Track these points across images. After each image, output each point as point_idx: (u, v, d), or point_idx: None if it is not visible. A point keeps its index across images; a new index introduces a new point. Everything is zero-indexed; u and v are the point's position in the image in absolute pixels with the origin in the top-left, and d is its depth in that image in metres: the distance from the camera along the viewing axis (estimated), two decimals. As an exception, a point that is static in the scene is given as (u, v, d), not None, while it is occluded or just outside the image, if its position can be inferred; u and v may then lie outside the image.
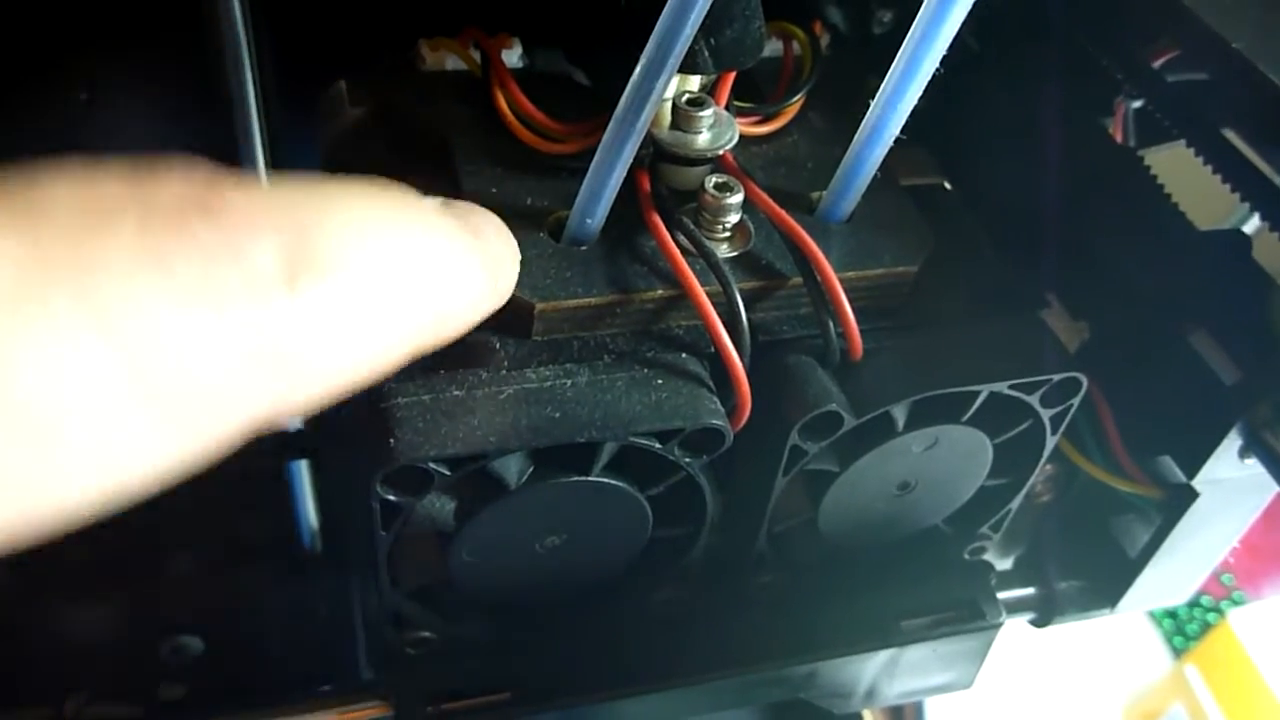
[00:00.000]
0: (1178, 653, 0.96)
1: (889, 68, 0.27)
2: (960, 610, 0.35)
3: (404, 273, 0.20)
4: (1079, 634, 0.92)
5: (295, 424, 0.43)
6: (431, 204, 0.23)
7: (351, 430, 0.28)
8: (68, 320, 0.15)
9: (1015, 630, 0.40)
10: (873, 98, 0.27)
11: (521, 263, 0.28)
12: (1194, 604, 1.00)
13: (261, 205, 0.18)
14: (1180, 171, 0.35)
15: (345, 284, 0.19)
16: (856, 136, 0.28)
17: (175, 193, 0.17)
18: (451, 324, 0.23)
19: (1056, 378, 0.29)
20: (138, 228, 0.16)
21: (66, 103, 0.38)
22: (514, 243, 0.26)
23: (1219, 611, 0.97)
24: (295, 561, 0.55)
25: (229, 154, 0.38)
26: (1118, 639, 0.96)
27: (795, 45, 0.35)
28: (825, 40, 0.36)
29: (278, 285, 0.17)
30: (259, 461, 0.52)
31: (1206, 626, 0.96)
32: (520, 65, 0.33)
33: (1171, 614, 1.00)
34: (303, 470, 0.52)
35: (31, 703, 0.47)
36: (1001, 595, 0.36)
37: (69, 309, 0.15)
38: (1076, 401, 0.30)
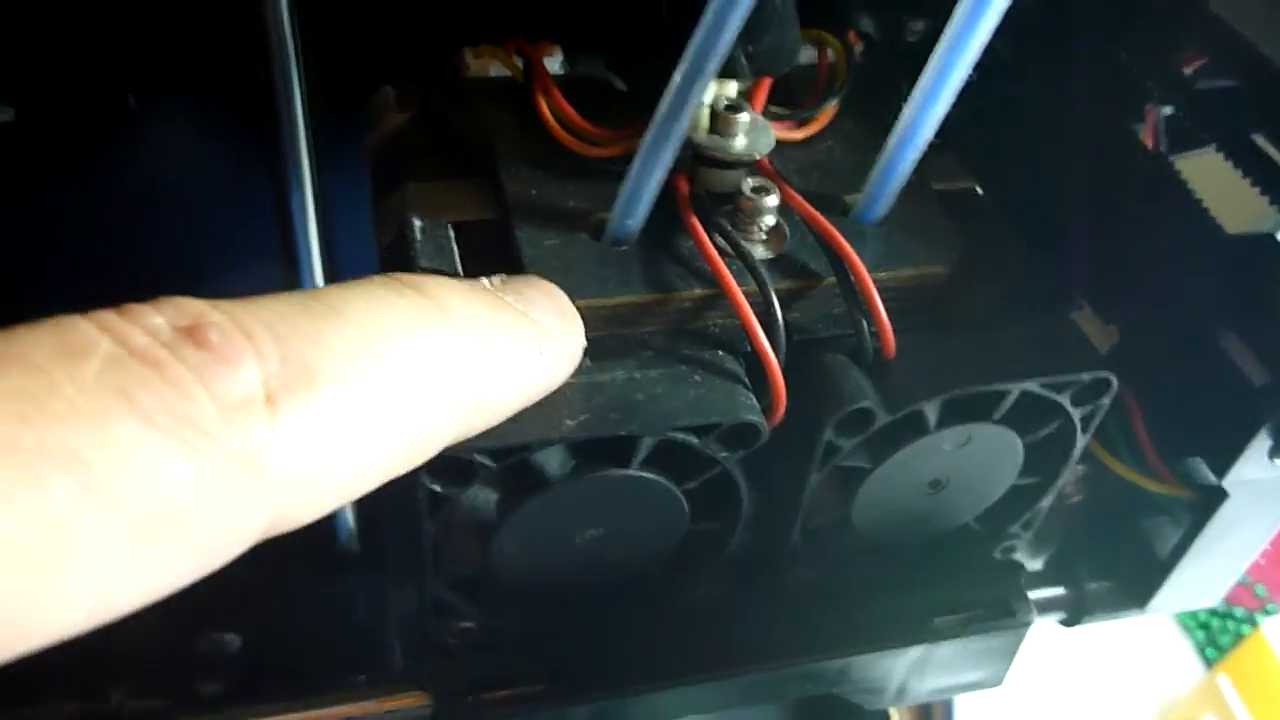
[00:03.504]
0: (1210, 663, 0.95)
1: (920, 75, 0.27)
2: (991, 608, 0.36)
3: (413, 374, 0.20)
4: (1111, 641, 0.92)
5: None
6: (476, 285, 0.23)
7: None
8: (37, 464, 0.15)
9: (1047, 634, 0.40)
10: (905, 104, 0.28)
11: (564, 262, 0.29)
12: (1227, 615, 0.99)
13: (243, 329, 0.18)
14: (1211, 177, 0.36)
15: (339, 398, 0.19)
16: (889, 141, 0.29)
17: (149, 326, 0.17)
18: (500, 404, 0.23)
19: (1087, 377, 0.30)
20: (103, 366, 0.16)
21: (116, 109, 0.40)
22: (571, 311, 0.26)
23: (1252, 623, 0.97)
24: (333, 560, 0.56)
25: (274, 159, 0.39)
26: (1150, 648, 0.96)
27: (830, 53, 0.36)
28: (859, 48, 0.36)
29: (254, 411, 0.17)
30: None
31: (1239, 638, 0.96)
32: (561, 72, 0.34)
33: (1204, 625, 0.99)
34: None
35: (71, 697, 0.49)
36: (1031, 594, 0.37)
37: (36, 453, 0.15)
38: (1107, 401, 0.31)
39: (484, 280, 0.25)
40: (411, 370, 0.20)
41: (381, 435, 0.20)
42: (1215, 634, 0.99)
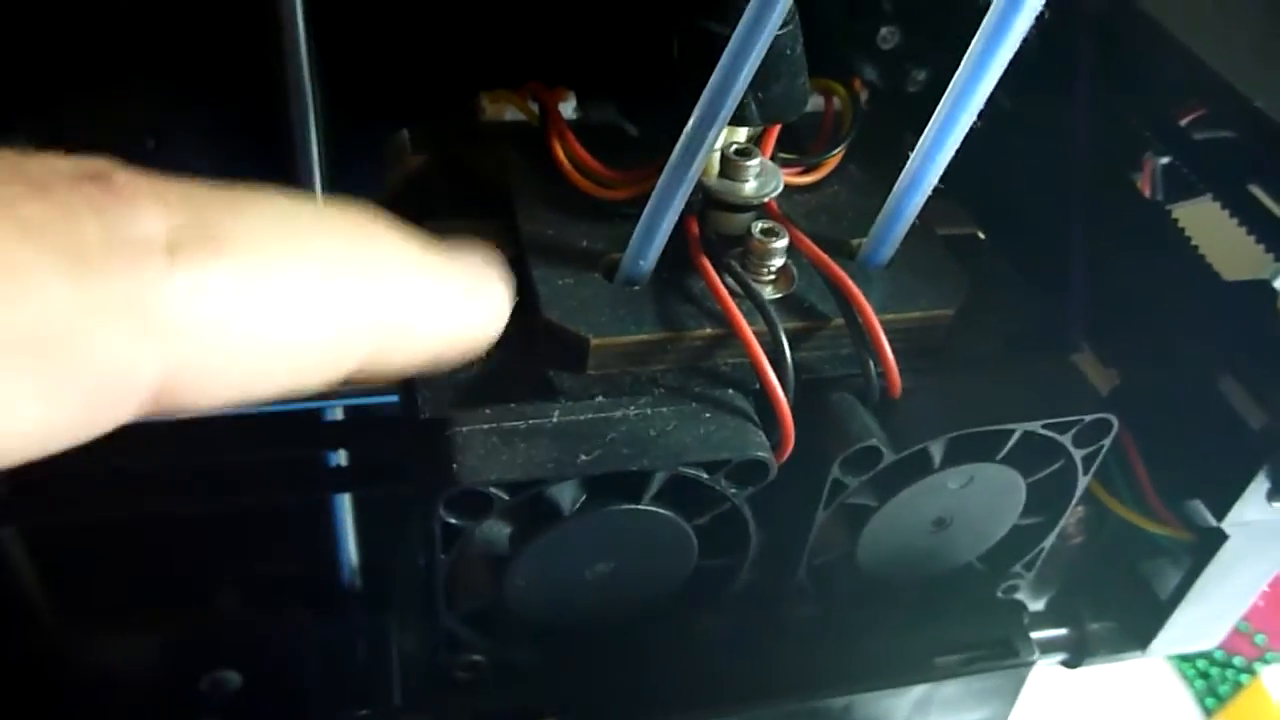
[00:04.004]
0: (1209, 712, 0.95)
1: (924, 122, 0.28)
2: (994, 648, 0.36)
3: (331, 270, 0.20)
4: (1110, 688, 0.91)
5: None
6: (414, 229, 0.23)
7: (412, 458, 0.29)
8: None
9: (1047, 680, 0.40)
10: (909, 151, 0.29)
11: (578, 301, 0.29)
12: (1226, 664, 0.99)
13: (155, 187, 0.17)
14: (1209, 224, 0.36)
15: (246, 267, 0.18)
16: (897, 185, 0.29)
17: (50, 163, 0.17)
18: (419, 337, 0.22)
19: (1088, 418, 0.31)
20: None
21: (133, 150, 0.40)
22: (502, 264, 0.26)
23: (1251, 672, 0.97)
24: (334, 598, 0.56)
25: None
26: (1149, 696, 0.95)
27: (836, 101, 0.36)
28: (864, 96, 0.37)
29: (151, 254, 0.17)
30: (300, 498, 0.54)
31: (1239, 687, 0.95)
32: (575, 116, 0.35)
33: (1204, 674, 0.99)
34: (345, 505, 0.54)
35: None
36: (1033, 635, 0.37)
37: None
38: (1108, 442, 0.31)
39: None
40: (330, 266, 0.20)
41: (288, 322, 0.19)
42: (1215, 683, 0.99)
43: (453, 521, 0.27)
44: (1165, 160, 0.40)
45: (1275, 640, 0.98)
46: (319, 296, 0.19)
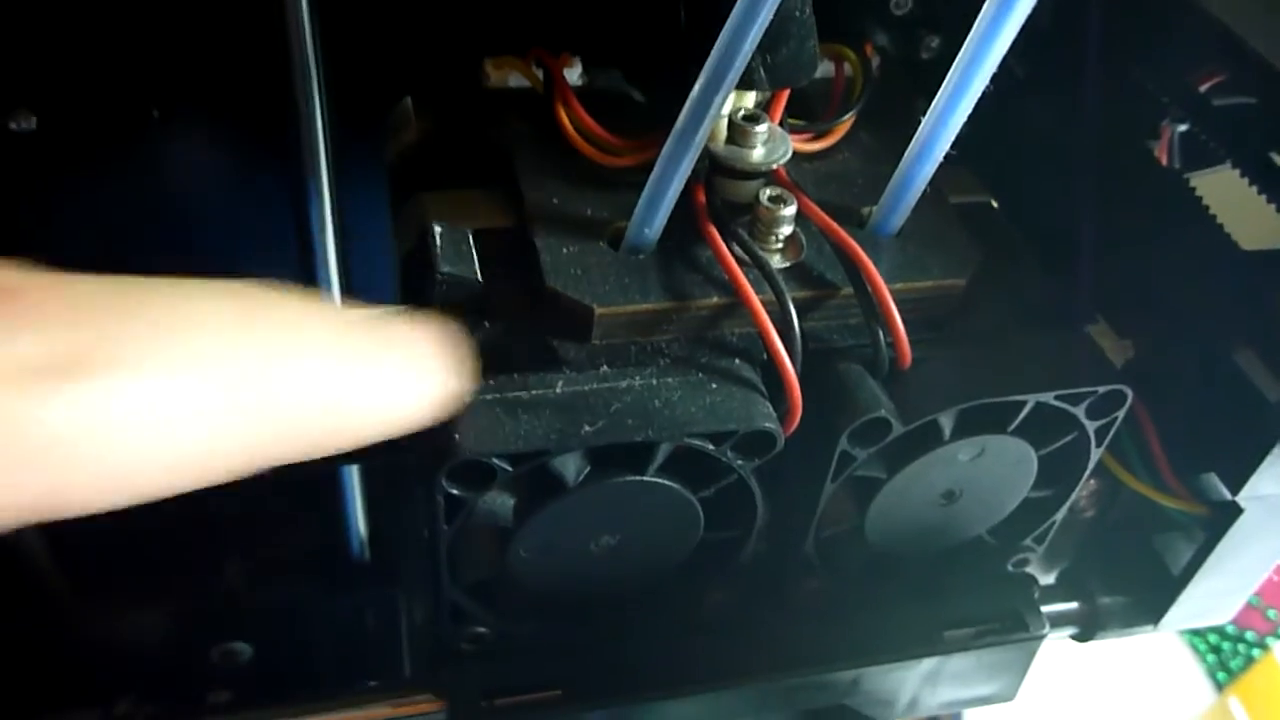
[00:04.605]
0: (1220, 687, 0.95)
1: (936, 89, 0.27)
2: (1004, 621, 0.36)
3: (230, 376, 0.19)
4: (1121, 663, 0.91)
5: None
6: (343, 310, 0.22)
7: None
8: None
9: (1055, 656, 0.40)
10: (920, 119, 0.28)
11: (582, 270, 0.29)
12: (1238, 639, 0.99)
13: (39, 298, 0.17)
14: (1227, 194, 0.36)
15: (122, 385, 0.18)
16: (908, 152, 0.29)
17: None
18: (338, 425, 0.21)
19: (1102, 390, 0.30)
20: None
21: (138, 119, 0.40)
22: (444, 346, 0.23)
23: (1263, 647, 0.96)
24: (344, 571, 0.56)
25: (294, 169, 0.40)
26: (1160, 671, 0.95)
27: (846, 67, 0.36)
28: (876, 62, 0.37)
29: (24, 377, 0.17)
30: (311, 471, 0.54)
31: (1250, 662, 0.95)
32: (580, 83, 0.34)
33: (1215, 649, 0.99)
34: (353, 477, 0.54)
35: (82, 704, 0.49)
36: (1044, 609, 0.37)
37: None
38: (1121, 414, 0.31)
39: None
40: (228, 371, 0.19)
41: (178, 429, 0.18)
42: (1226, 658, 0.98)
43: (455, 493, 0.27)
44: (1183, 128, 0.39)
45: (1288, 615, 0.97)
46: (212, 398, 0.19)
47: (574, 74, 0.34)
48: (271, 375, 0.20)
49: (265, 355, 0.20)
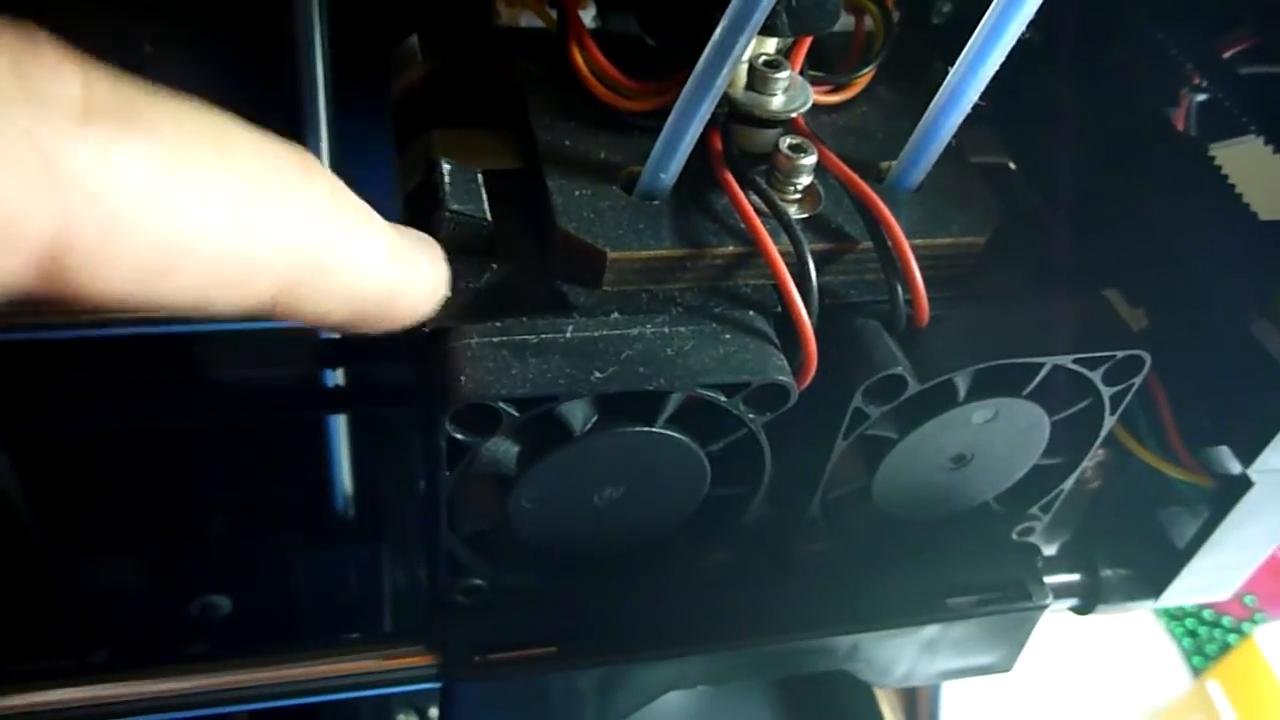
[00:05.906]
0: (1197, 671, 0.95)
1: (947, 55, 0.27)
2: (1007, 590, 0.35)
3: (249, 185, 0.19)
4: (1097, 643, 0.91)
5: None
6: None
7: (418, 374, 0.28)
8: None
9: (1038, 632, 0.40)
10: (941, 75, 0.27)
11: (595, 213, 0.28)
12: (1215, 624, 0.99)
13: (88, 60, 0.17)
14: (1246, 165, 0.35)
15: (155, 151, 0.18)
16: (934, 102, 0.28)
17: None
18: (330, 280, 0.21)
19: (1120, 354, 0.29)
20: None
21: (130, 54, 0.39)
22: (434, 247, 0.25)
23: (1240, 632, 0.97)
24: (326, 525, 0.56)
25: (294, 111, 0.39)
26: (1136, 653, 0.96)
27: (868, 19, 0.35)
28: (897, 16, 0.36)
29: (66, 111, 0.17)
30: (296, 421, 0.53)
31: (1226, 647, 0.96)
32: (594, 25, 0.33)
33: (1192, 633, 0.99)
34: (339, 429, 0.53)
35: (58, 654, 0.48)
36: (1046, 580, 0.36)
37: None
38: (1138, 381, 0.30)
39: None
40: (247, 178, 0.19)
41: (193, 221, 0.18)
42: (1202, 642, 0.99)
43: (459, 437, 0.26)
44: (1201, 98, 0.38)
45: (1265, 601, 0.98)
46: (229, 202, 0.19)
47: (588, 16, 0.33)
48: (292, 201, 0.20)
49: (290, 184, 0.20)
